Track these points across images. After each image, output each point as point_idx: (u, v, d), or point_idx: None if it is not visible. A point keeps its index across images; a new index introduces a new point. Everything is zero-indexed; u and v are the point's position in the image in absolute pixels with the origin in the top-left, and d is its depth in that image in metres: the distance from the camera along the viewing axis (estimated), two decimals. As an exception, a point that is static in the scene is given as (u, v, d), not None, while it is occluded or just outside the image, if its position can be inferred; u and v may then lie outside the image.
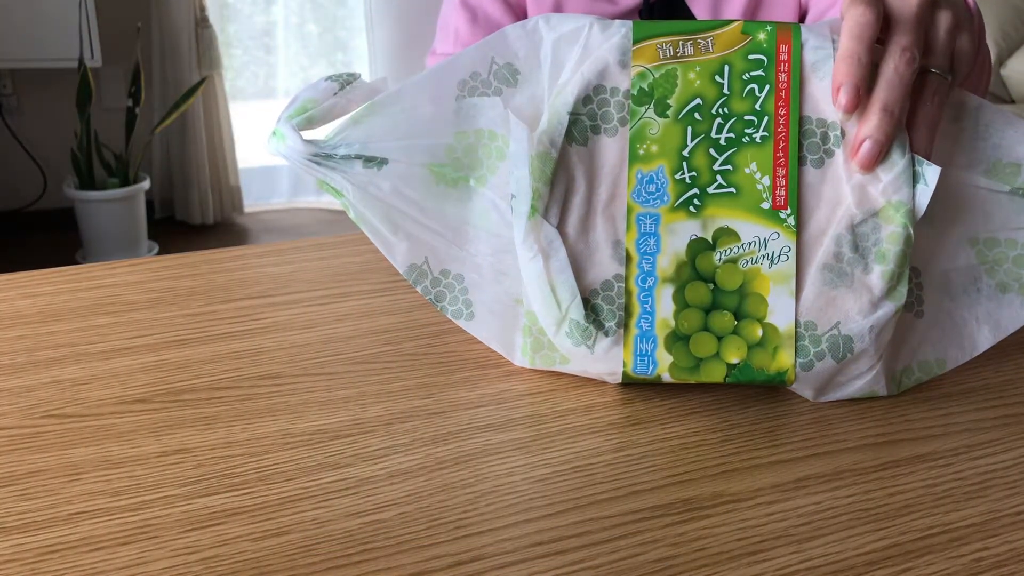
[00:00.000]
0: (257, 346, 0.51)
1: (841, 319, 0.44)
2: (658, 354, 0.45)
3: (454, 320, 0.49)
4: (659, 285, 0.45)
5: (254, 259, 0.63)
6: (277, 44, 3.04)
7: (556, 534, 0.36)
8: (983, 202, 0.48)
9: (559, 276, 0.45)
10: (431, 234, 0.48)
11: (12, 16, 2.49)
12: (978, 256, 0.48)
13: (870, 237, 0.44)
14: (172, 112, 2.68)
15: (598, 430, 0.43)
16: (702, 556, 0.35)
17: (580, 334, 0.45)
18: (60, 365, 0.48)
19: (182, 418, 0.44)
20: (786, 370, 0.44)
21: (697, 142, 0.46)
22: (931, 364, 0.48)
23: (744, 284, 0.45)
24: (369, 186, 0.48)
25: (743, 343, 0.44)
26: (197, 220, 2.95)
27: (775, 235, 0.45)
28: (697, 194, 0.45)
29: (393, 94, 0.49)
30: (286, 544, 0.35)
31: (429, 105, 0.49)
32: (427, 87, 0.49)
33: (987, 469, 0.41)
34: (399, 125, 0.49)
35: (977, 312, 0.48)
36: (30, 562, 0.34)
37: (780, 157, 0.45)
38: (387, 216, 0.48)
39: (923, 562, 0.35)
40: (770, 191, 0.45)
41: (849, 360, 0.45)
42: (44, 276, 0.59)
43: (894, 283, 0.44)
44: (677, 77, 0.46)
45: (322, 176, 0.48)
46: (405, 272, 0.48)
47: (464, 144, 0.49)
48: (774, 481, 0.40)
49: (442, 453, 0.41)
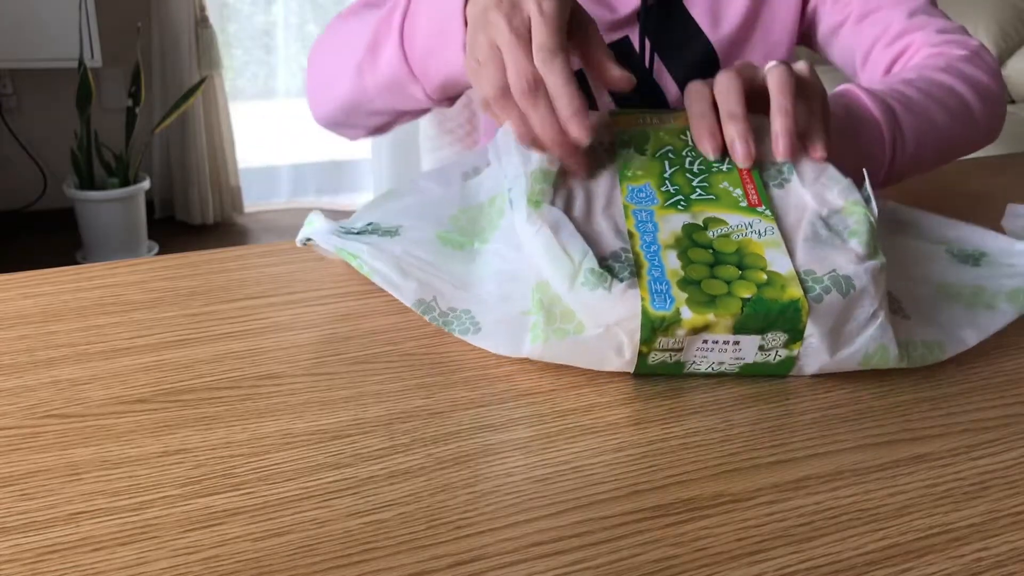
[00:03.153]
0: (257, 346, 0.51)
1: (835, 267, 0.47)
2: (674, 292, 0.45)
3: (461, 336, 0.49)
4: (663, 250, 0.48)
5: (254, 259, 0.63)
6: (277, 44, 3.04)
7: (556, 534, 0.36)
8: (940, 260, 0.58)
9: (570, 240, 0.47)
10: (439, 281, 0.52)
11: (12, 16, 2.49)
12: (939, 290, 0.55)
13: (839, 223, 0.50)
14: (172, 112, 2.68)
15: (598, 430, 0.43)
16: (702, 556, 0.35)
17: (596, 279, 0.45)
18: (60, 365, 0.48)
19: (182, 418, 0.44)
20: (798, 298, 0.45)
21: (674, 171, 0.54)
22: (932, 344, 0.49)
23: (740, 248, 0.48)
24: (382, 245, 0.53)
25: (751, 283, 0.46)
26: (197, 220, 2.94)
27: (757, 220, 0.50)
28: (682, 199, 0.52)
29: (406, 185, 0.58)
30: (286, 544, 0.35)
31: (437, 189, 0.58)
32: (435, 177, 0.59)
33: (987, 469, 0.41)
34: (411, 207, 0.57)
35: (959, 320, 0.52)
36: (30, 562, 0.34)
37: (746, 180, 0.53)
38: (397, 265, 0.52)
39: (923, 562, 0.35)
40: (744, 197, 0.52)
41: (853, 297, 0.46)
42: (44, 276, 0.59)
43: (872, 249, 0.48)
44: (648, 136, 0.56)
45: (341, 245, 0.54)
46: (413, 305, 0.51)
47: (468, 216, 0.56)
48: (774, 481, 0.40)
49: (442, 453, 0.41)
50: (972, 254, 0.58)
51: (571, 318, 0.46)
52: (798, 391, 0.47)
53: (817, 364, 0.47)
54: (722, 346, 0.46)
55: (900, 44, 0.82)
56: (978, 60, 0.79)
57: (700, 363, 0.47)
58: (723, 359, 0.47)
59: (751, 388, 0.47)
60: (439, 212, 0.56)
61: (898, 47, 0.82)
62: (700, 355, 0.46)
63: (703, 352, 0.46)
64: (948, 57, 0.78)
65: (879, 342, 0.46)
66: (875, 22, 0.83)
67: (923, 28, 0.82)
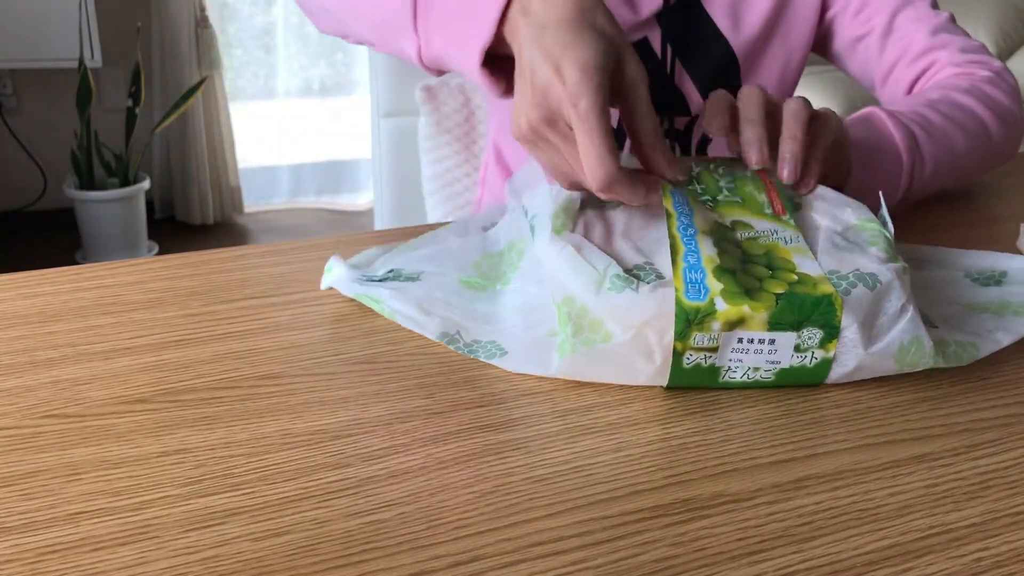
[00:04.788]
0: (257, 346, 0.51)
1: (859, 266, 0.47)
2: (708, 281, 0.45)
3: (487, 361, 0.49)
4: (699, 234, 0.48)
5: (254, 259, 0.63)
6: (277, 44, 3.04)
7: (556, 534, 0.36)
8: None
9: (593, 254, 0.48)
10: (463, 318, 0.52)
11: (12, 16, 2.49)
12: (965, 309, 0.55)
13: (856, 237, 0.51)
14: (172, 112, 2.68)
15: (598, 430, 0.43)
16: (702, 556, 0.35)
17: (623, 282, 0.45)
18: (60, 365, 0.48)
19: (182, 418, 0.44)
20: (830, 293, 0.45)
21: (700, 170, 0.55)
22: (965, 344, 0.49)
23: (768, 252, 0.48)
24: (404, 289, 0.54)
25: (783, 282, 0.45)
26: (197, 220, 2.94)
27: (783, 228, 0.50)
28: (710, 200, 0.52)
29: (427, 235, 0.60)
30: (286, 544, 0.35)
31: (457, 240, 0.59)
32: (455, 229, 0.60)
33: (987, 469, 0.41)
34: (432, 255, 0.57)
35: (988, 325, 0.52)
36: (30, 562, 0.34)
37: (770, 188, 0.54)
38: (419, 305, 0.53)
39: (923, 562, 0.35)
40: (769, 204, 0.52)
41: (880, 291, 0.46)
42: (44, 276, 0.59)
43: (892, 256, 0.49)
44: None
45: (363, 291, 0.55)
46: (438, 338, 0.51)
47: (489, 262, 0.57)
48: (774, 481, 0.40)
49: (442, 453, 0.41)
50: (993, 275, 0.59)
51: (598, 328, 0.46)
52: (798, 391, 0.47)
53: (854, 360, 0.46)
54: (757, 346, 0.45)
55: (923, 62, 0.83)
56: (1000, 82, 0.80)
57: (736, 369, 0.46)
58: (759, 363, 0.45)
59: (752, 388, 0.47)
60: (461, 259, 0.57)
61: (921, 65, 0.83)
62: (736, 358, 0.45)
63: (738, 355, 0.45)
64: (972, 78, 0.79)
65: (912, 334, 0.46)
66: (898, 39, 0.83)
67: (946, 46, 0.82)
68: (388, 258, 0.58)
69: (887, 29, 0.84)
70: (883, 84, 0.85)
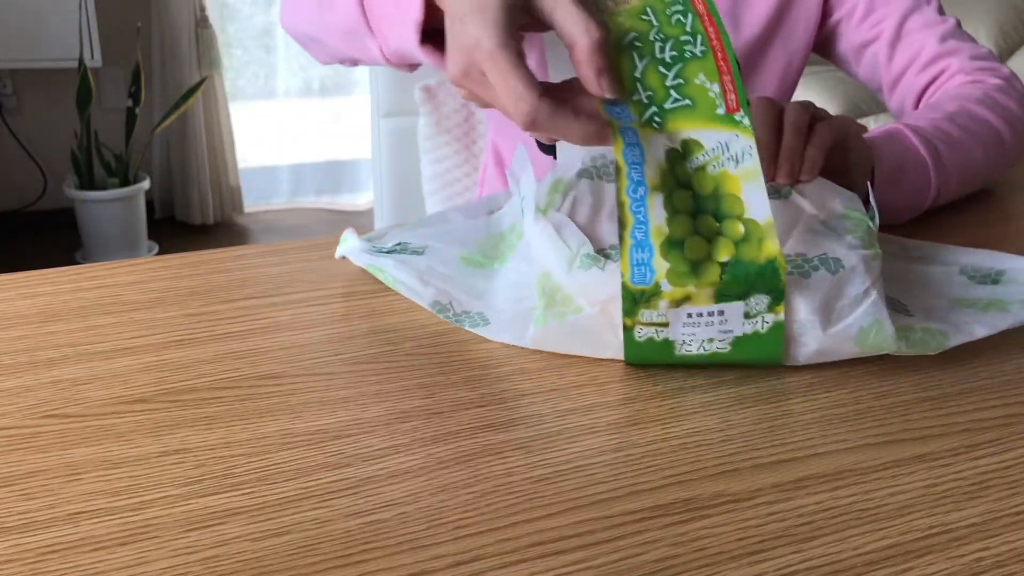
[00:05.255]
0: (257, 346, 0.51)
1: (826, 251, 0.48)
2: (655, 262, 0.46)
3: (471, 330, 0.52)
4: (649, 195, 0.47)
5: (254, 259, 0.63)
6: (277, 44, 3.03)
7: (556, 534, 0.36)
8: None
9: (571, 235, 0.51)
10: (457, 291, 0.55)
11: (12, 16, 2.49)
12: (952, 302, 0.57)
13: (838, 224, 0.52)
14: (172, 112, 2.68)
15: (598, 430, 0.43)
16: (702, 556, 0.35)
17: (591, 260, 0.49)
18: (60, 365, 0.48)
19: (182, 418, 0.44)
20: (774, 256, 0.45)
21: (646, 63, 0.49)
22: (934, 331, 0.49)
23: (717, 187, 0.47)
24: (408, 261, 0.57)
25: (729, 242, 0.46)
26: (197, 220, 2.94)
27: (734, 137, 0.47)
28: (656, 112, 0.48)
29: (436, 214, 0.64)
30: (286, 544, 0.35)
31: (464, 220, 0.63)
32: (463, 210, 0.64)
33: (987, 469, 0.41)
34: (439, 232, 0.61)
35: (968, 318, 0.52)
36: (30, 562, 0.34)
37: (722, 65, 0.49)
38: (419, 277, 0.56)
39: (923, 562, 0.35)
40: (721, 97, 0.48)
41: (843, 276, 0.47)
42: (44, 276, 0.59)
43: (867, 244, 0.50)
44: (607, 25, 0.49)
45: (371, 261, 0.58)
46: (430, 307, 0.54)
47: (492, 241, 0.60)
48: (774, 481, 0.40)
49: (442, 453, 0.41)
50: (990, 274, 0.59)
51: (570, 302, 0.49)
52: (798, 391, 0.47)
53: (813, 344, 0.47)
54: (707, 318, 0.46)
55: (934, 69, 0.83)
56: (1011, 89, 0.80)
57: (690, 342, 0.47)
58: (711, 334, 0.47)
59: (751, 388, 0.47)
60: (465, 237, 0.61)
61: (932, 72, 0.83)
62: (688, 332, 0.47)
63: (690, 328, 0.46)
64: (984, 86, 0.79)
65: (873, 317, 0.47)
66: (907, 45, 0.84)
67: (956, 54, 0.82)
68: (397, 232, 0.62)
69: (896, 35, 0.84)
70: (892, 90, 0.86)
